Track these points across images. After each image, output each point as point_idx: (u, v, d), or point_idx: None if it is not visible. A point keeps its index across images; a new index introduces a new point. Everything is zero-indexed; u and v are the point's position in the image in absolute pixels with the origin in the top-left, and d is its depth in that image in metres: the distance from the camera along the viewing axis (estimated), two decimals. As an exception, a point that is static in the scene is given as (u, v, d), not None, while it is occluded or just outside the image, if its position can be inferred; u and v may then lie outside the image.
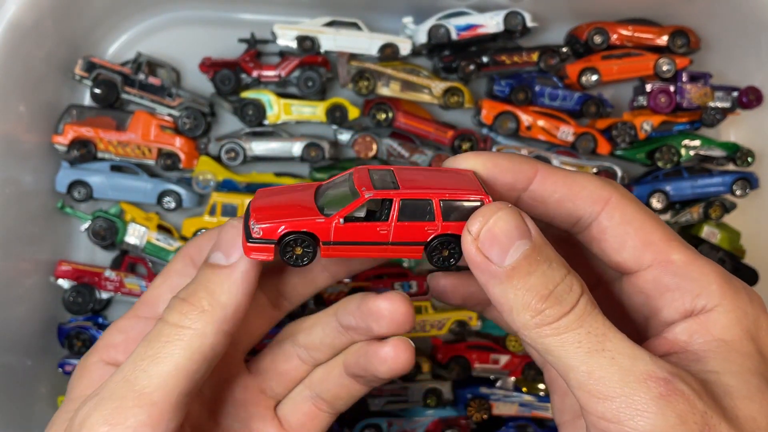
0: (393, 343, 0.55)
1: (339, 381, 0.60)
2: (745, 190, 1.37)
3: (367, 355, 0.56)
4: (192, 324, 0.47)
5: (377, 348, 0.56)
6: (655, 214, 0.52)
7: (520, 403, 1.36)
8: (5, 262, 1.15)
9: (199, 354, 0.47)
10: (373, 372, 0.57)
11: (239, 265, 0.48)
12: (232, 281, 0.48)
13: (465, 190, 0.49)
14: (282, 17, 1.31)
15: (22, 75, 1.14)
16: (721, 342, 0.47)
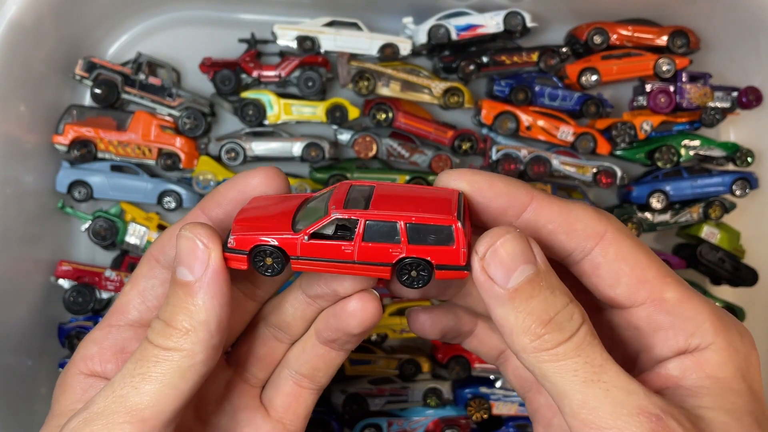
0: (358, 296, 0.56)
1: (314, 351, 0.60)
2: (745, 190, 1.37)
3: (335, 315, 0.56)
4: (178, 345, 0.47)
5: (344, 305, 0.56)
6: (649, 249, 0.52)
7: (519, 402, 1.36)
8: (5, 262, 1.15)
9: (191, 372, 0.47)
10: (344, 329, 0.57)
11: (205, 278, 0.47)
12: (203, 297, 0.47)
13: (435, 214, 0.49)
14: (282, 17, 1.31)
15: (23, 75, 1.14)
16: (714, 379, 0.48)
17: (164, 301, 0.49)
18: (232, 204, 0.53)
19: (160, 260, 0.54)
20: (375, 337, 1.34)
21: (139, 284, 0.54)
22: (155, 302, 0.54)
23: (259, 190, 0.53)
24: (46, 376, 1.26)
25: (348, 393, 1.32)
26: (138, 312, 0.54)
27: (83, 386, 0.53)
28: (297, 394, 0.61)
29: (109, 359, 0.54)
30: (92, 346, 0.54)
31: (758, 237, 1.43)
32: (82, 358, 0.54)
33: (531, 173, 1.34)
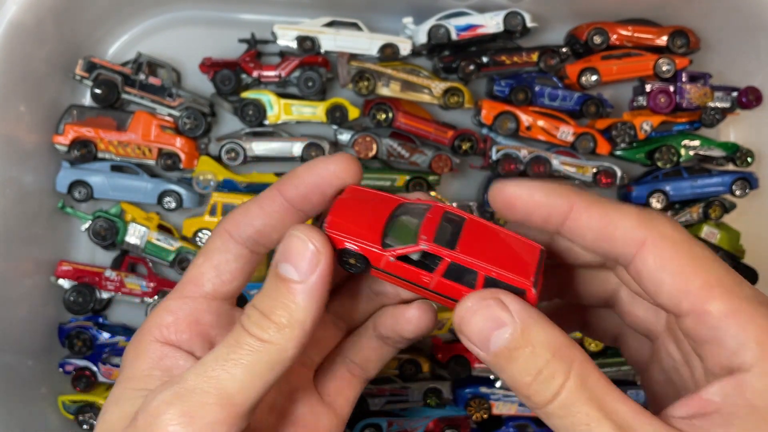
0: (417, 306, 0.58)
1: (369, 344, 0.63)
2: (745, 190, 1.37)
3: (394, 317, 0.59)
4: (273, 339, 0.48)
5: (403, 310, 0.58)
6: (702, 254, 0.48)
7: (520, 402, 1.36)
8: (6, 262, 1.15)
9: (280, 365, 0.48)
10: (399, 332, 0.59)
11: (311, 281, 0.48)
12: (305, 297, 0.48)
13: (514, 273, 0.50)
14: (282, 17, 1.31)
15: (23, 75, 1.14)
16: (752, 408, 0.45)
17: (261, 291, 0.50)
18: (309, 187, 0.53)
19: (233, 235, 0.55)
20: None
21: (213, 258, 0.55)
22: (228, 276, 0.55)
23: (337, 176, 0.53)
24: (46, 376, 1.26)
25: (348, 393, 1.32)
26: (212, 285, 0.55)
27: (158, 354, 0.53)
28: (348, 381, 0.63)
29: (184, 329, 0.54)
30: (167, 315, 0.54)
31: (758, 237, 1.43)
32: (157, 325, 0.54)
33: (531, 173, 1.34)
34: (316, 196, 0.53)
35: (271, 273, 0.50)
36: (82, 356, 1.28)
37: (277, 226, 0.54)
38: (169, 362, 0.53)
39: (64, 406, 1.26)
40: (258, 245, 0.55)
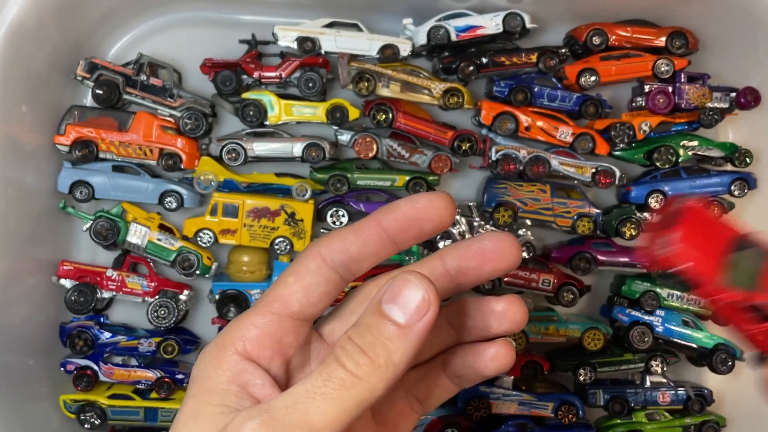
0: (503, 344, 0.59)
1: (437, 381, 0.62)
2: (744, 190, 1.38)
3: (476, 353, 0.59)
4: (367, 377, 0.48)
5: (486, 348, 0.59)
6: None
7: (519, 402, 1.37)
8: (7, 261, 1.15)
9: (366, 403, 0.48)
10: (480, 370, 0.59)
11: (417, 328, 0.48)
12: (408, 343, 0.48)
13: None
14: (283, 19, 1.32)
15: (24, 76, 1.15)
16: None
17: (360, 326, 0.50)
18: (410, 221, 0.54)
19: (327, 259, 0.55)
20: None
21: (303, 279, 0.55)
22: (316, 299, 0.55)
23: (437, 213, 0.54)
24: (47, 375, 1.27)
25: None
26: (300, 305, 0.55)
27: (238, 368, 0.52)
28: (407, 415, 0.63)
29: (267, 347, 0.54)
30: (253, 330, 0.54)
31: (756, 237, 1.43)
32: (241, 339, 0.54)
33: (530, 173, 1.34)
34: (414, 230, 0.54)
35: (373, 310, 0.50)
36: (83, 356, 1.29)
37: (371, 255, 0.55)
38: (246, 378, 0.52)
39: (66, 406, 1.27)
40: (348, 272, 0.55)
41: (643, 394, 1.41)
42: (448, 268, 0.58)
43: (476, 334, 0.60)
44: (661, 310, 1.40)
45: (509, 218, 1.34)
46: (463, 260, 0.57)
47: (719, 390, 1.45)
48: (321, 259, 0.55)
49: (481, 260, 0.57)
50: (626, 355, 1.41)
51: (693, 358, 1.45)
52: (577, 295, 1.39)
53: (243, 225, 1.30)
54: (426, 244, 1.35)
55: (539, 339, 1.37)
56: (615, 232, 1.37)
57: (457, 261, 0.57)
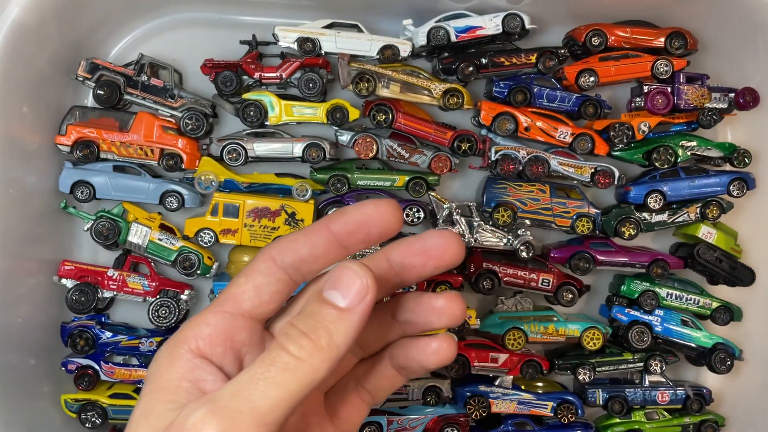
0: (444, 338, 0.61)
1: (384, 372, 0.64)
2: (742, 190, 1.38)
3: (418, 348, 0.61)
4: (309, 359, 0.49)
5: (429, 342, 0.61)
6: None
7: (518, 401, 1.37)
8: (8, 261, 1.16)
9: (309, 386, 0.50)
10: (422, 363, 0.61)
11: (357, 310, 0.51)
12: (348, 325, 0.51)
13: None
14: (283, 19, 1.32)
15: (26, 76, 1.15)
16: None
17: (302, 313, 0.52)
18: (356, 225, 0.56)
19: (277, 260, 0.57)
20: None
21: (255, 279, 0.57)
22: (267, 298, 0.57)
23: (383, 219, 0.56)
24: (48, 374, 1.27)
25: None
26: (251, 304, 0.57)
27: (190, 365, 0.54)
28: (358, 407, 0.65)
29: (219, 343, 0.55)
30: (205, 328, 0.56)
31: (755, 237, 1.44)
32: (194, 337, 0.55)
33: (530, 173, 1.35)
34: (361, 234, 0.56)
35: (314, 297, 0.52)
36: (84, 355, 1.29)
37: (320, 257, 0.56)
38: (198, 374, 0.54)
39: (67, 405, 1.27)
40: (298, 273, 0.57)
41: (642, 394, 1.42)
42: (393, 264, 0.59)
43: (418, 328, 0.62)
44: (660, 310, 1.41)
45: (508, 218, 1.35)
46: (407, 257, 0.59)
47: (718, 389, 1.45)
48: (272, 260, 0.57)
49: (424, 257, 0.58)
50: (625, 354, 1.42)
51: (692, 357, 1.45)
52: (577, 294, 1.39)
53: (243, 225, 1.30)
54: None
55: (539, 339, 1.38)
56: (614, 232, 1.37)
57: (401, 258, 0.59)
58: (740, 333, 1.44)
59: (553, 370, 1.41)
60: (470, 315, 1.36)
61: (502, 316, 1.39)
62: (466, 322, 1.36)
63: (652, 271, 1.38)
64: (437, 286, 1.35)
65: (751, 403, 1.45)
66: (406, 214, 1.34)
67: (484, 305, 1.43)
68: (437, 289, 1.35)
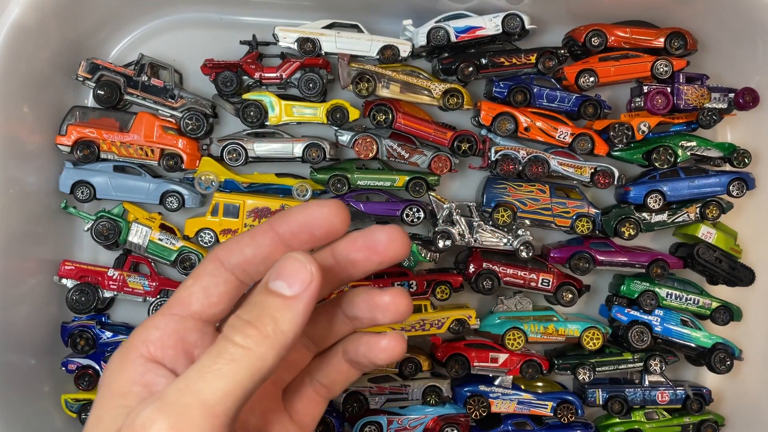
0: (392, 336, 0.61)
1: (337, 367, 0.65)
2: (742, 190, 1.38)
3: (368, 344, 0.62)
4: (255, 347, 0.49)
5: (378, 339, 0.61)
6: None
7: (518, 401, 1.37)
8: (9, 261, 1.16)
9: (259, 375, 0.50)
10: (372, 359, 0.62)
11: (302, 297, 0.51)
12: (294, 312, 0.51)
13: None
14: (283, 20, 1.32)
15: (26, 76, 1.15)
16: None
17: (247, 305, 0.52)
18: (300, 226, 0.57)
19: (224, 262, 0.57)
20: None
21: (202, 280, 0.57)
22: (216, 299, 0.58)
23: (327, 219, 0.57)
24: (49, 374, 1.27)
25: (348, 391, 1.33)
26: (200, 305, 0.57)
27: (142, 369, 0.54)
28: (315, 401, 0.66)
29: (170, 346, 0.56)
30: (154, 332, 0.56)
31: (755, 237, 1.44)
32: (144, 341, 0.56)
33: (529, 173, 1.35)
34: (305, 234, 0.56)
35: (260, 289, 0.52)
36: (84, 355, 1.29)
37: (266, 258, 0.57)
38: (150, 378, 0.54)
39: (67, 405, 1.27)
40: (245, 274, 0.57)
41: (641, 394, 1.42)
42: (338, 259, 0.60)
43: (366, 323, 0.62)
44: (660, 310, 1.41)
45: (508, 218, 1.35)
46: (351, 252, 0.59)
47: (718, 389, 1.46)
48: (218, 261, 0.57)
49: (369, 252, 0.59)
50: (625, 354, 1.42)
51: (692, 357, 1.46)
52: (576, 294, 1.39)
53: (244, 225, 1.30)
54: (427, 243, 1.36)
55: (538, 338, 1.38)
56: (614, 232, 1.37)
57: (346, 252, 0.59)
58: (740, 333, 1.44)
59: (553, 370, 1.41)
60: (470, 315, 1.36)
61: (502, 316, 1.39)
62: (466, 322, 1.36)
63: (652, 271, 1.38)
64: (437, 285, 1.35)
65: (750, 403, 1.45)
66: (406, 214, 1.34)
67: (484, 305, 1.44)
68: (437, 289, 1.35)
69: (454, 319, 1.35)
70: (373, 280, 1.35)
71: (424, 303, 1.36)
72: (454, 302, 1.41)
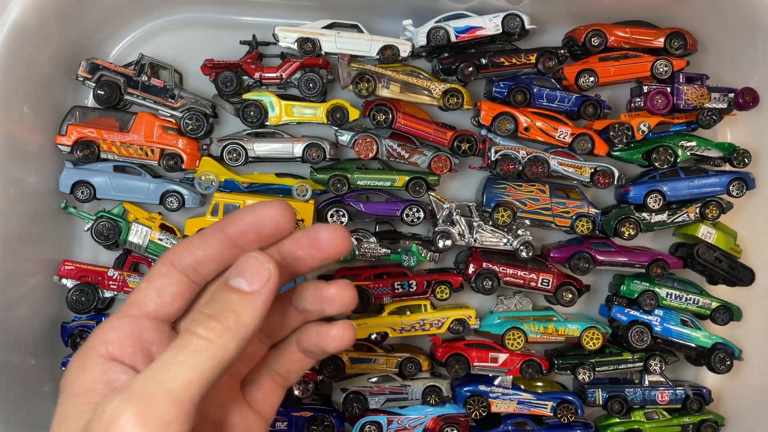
0: (342, 325, 0.65)
1: (292, 357, 0.68)
2: (742, 190, 1.38)
3: (319, 334, 0.65)
4: (218, 339, 0.53)
5: (328, 329, 0.65)
6: None
7: (518, 400, 1.37)
8: (9, 261, 1.16)
9: (221, 365, 0.52)
10: (323, 348, 0.66)
11: (261, 293, 0.55)
12: (254, 306, 0.55)
13: None
14: (283, 20, 1.32)
15: (26, 76, 1.15)
16: None
17: (209, 301, 0.56)
18: (247, 226, 0.59)
19: (175, 263, 0.60)
20: (375, 335, 1.35)
21: (155, 282, 0.60)
22: (169, 299, 0.60)
23: (273, 219, 0.59)
24: (48, 374, 1.27)
25: (348, 391, 1.33)
26: (155, 306, 0.60)
27: (103, 368, 0.57)
28: (273, 390, 0.69)
29: (128, 345, 0.58)
30: (111, 333, 0.59)
31: (755, 237, 1.44)
32: (102, 342, 0.58)
33: (529, 173, 1.35)
34: (252, 234, 0.59)
35: (220, 285, 0.56)
36: (82, 354, 1.29)
37: (216, 258, 0.60)
38: (111, 376, 0.56)
39: (67, 405, 1.27)
40: (197, 274, 0.60)
41: (641, 393, 1.42)
42: (284, 256, 0.62)
43: (315, 315, 0.66)
44: (660, 310, 1.41)
45: (508, 218, 1.35)
46: (296, 250, 0.61)
47: (718, 389, 1.46)
48: (170, 263, 0.60)
49: (312, 250, 0.61)
50: (625, 354, 1.42)
51: (691, 357, 1.46)
52: (576, 294, 1.39)
53: (244, 225, 1.30)
54: (427, 243, 1.36)
55: (538, 338, 1.38)
56: (614, 232, 1.37)
57: (291, 250, 0.62)
58: (740, 333, 1.44)
59: (553, 370, 1.41)
60: (470, 315, 1.36)
61: (502, 316, 1.39)
62: (466, 322, 1.36)
63: (652, 271, 1.38)
64: (437, 285, 1.36)
65: (750, 403, 1.45)
66: (406, 214, 1.34)
67: (484, 305, 1.44)
68: (437, 289, 1.36)
69: (454, 319, 1.35)
70: (373, 280, 1.35)
71: (424, 303, 1.37)
72: (454, 302, 1.41)
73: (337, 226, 0.61)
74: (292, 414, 1.32)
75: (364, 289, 1.34)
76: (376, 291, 1.35)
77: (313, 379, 1.33)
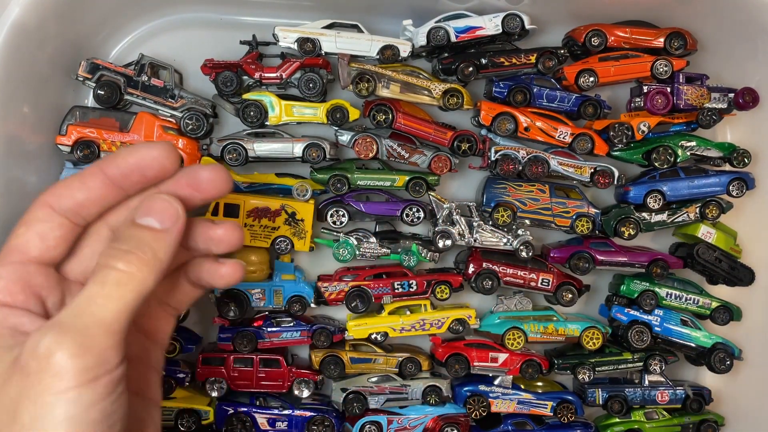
0: (229, 264, 0.68)
1: (181, 288, 0.71)
2: (742, 190, 1.38)
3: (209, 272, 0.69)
4: (139, 272, 0.56)
5: (218, 268, 0.68)
6: None
7: (518, 400, 1.37)
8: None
9: (141, 296, 0.56)
10: (212, 284, 0.69)
11: (172, 231, 0.59)
12: (167, 242, 0.58)
13: None
14: (283, 20, 1.32)
15: (26, 76, 1.15)
16: None
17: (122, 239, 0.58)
18: (130, 167, 0.61)
19: (54, 207, 0.61)
20: (375, 335, 1.35)
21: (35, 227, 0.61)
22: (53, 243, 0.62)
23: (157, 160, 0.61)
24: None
25: (348, 391, 1.33)
26: (38, 250, 0.61)
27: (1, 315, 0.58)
28: (166, 319, 0.72)
29: (18, 291, 0.60)
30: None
31: (755, 236, 1.44)
32: None
33: (529, 173, 1.35)
34: (136, 176, 0.61)
35: (129, 225, 0.58)
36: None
37: (98, 200, 0.61)
38: (12, 321, 0.58)
39: (68, 404, 1.27)
40: (78, 217, 0.61)
41: (641, 393, 1.42)
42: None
43: (202, 252, 0.68)
44: (660, 310, 1.41)
45: (508, 218, 1.35)
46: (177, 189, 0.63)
47: (718, 389, 1.46)
48: (48, 207, 0.61)
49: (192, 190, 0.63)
50: (625, 354, 1.42)
51: (691, 357, 1.46)
52: (576, 294, 1.40)
53: (244, 225, 1.31)
54: (427, 243, 1.36)
55: (538, 338, 1.38)
56: (614, 232, 1.37)
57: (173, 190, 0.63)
58: (740, 333, 1.44)
59: (553, 370, 1.41)
60: (470, 315, 1.37)
61: (502, 316, 1.39)
62: (466, 321, 1.36)
63: (652, 271, 1.38)
64: (437, 285, 1.36)
65: (750, 403, 1.45)
66: (406, 214, 1.34)
67: (484, 305, 1.44)
68: (437, 289, 1.36)
69: (454, 319, 1.36)
70: (373, 280, 1.35)
71: (424, 303, 1.37)
72: (454, 302, 1.41)
73: (216, 166, 0.63)
74: (292, 414, 1.32)
75: (364, 289, 1.34)
76: (376, 291, 1.35)
77: (313, 379, 1.33)
